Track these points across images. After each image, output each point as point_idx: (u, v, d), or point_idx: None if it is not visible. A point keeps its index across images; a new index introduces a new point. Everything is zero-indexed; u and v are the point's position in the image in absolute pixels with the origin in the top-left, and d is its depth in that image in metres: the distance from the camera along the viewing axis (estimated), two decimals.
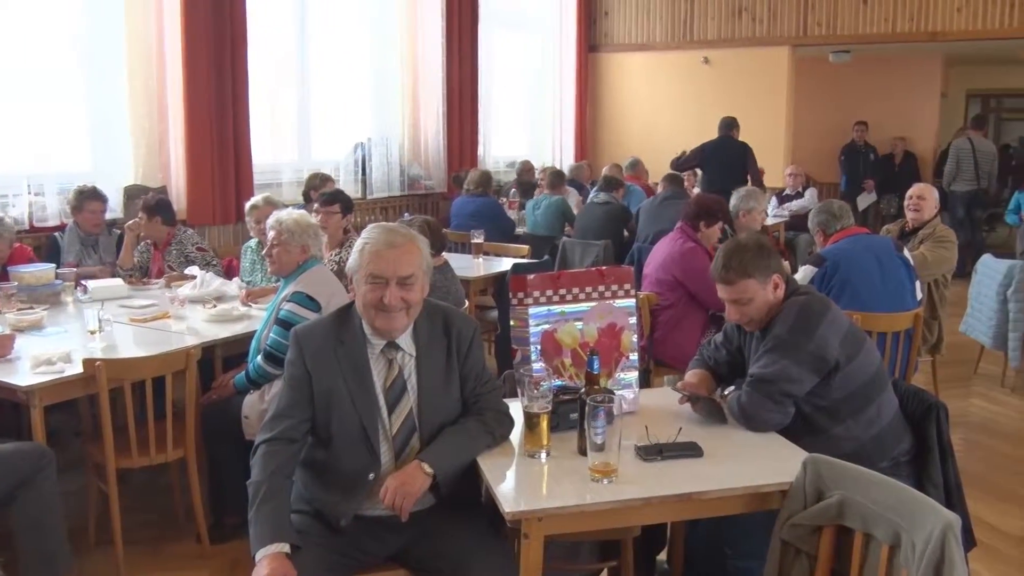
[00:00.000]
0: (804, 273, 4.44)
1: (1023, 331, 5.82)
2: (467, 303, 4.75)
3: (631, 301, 2.94)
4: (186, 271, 5.09)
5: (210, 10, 6.30)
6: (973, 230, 10.34)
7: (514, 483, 2.42)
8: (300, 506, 2.56)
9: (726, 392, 2.91)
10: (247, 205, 5.16)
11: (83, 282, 4.76)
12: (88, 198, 5.22)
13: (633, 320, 2.94)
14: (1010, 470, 4.72)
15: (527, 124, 11.06)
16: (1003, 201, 9.71)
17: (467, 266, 5.91)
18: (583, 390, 2.58)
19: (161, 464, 3.65)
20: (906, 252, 4.67)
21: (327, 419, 2.49)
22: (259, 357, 3.62)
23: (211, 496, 3.83)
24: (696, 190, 8.76)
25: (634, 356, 2.93)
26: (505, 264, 6.02)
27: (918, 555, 1.96)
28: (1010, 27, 9.14)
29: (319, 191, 5.75)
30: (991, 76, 14.54)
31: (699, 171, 9.19)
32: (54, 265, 4.82)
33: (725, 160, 8.75)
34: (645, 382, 4.46)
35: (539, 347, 2.81)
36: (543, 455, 2.50)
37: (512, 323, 2.87)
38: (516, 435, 2.64)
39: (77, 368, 3.38)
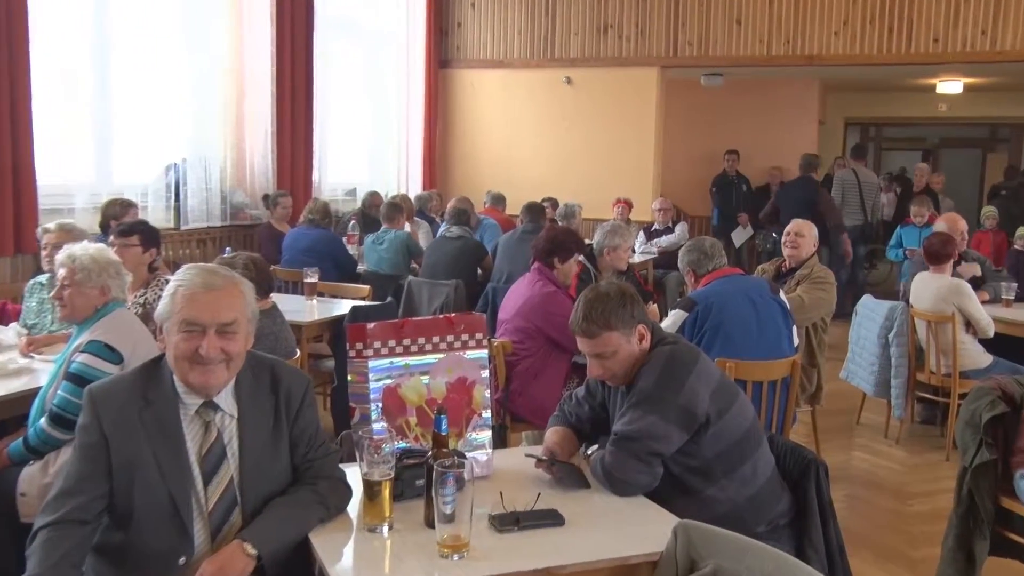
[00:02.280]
0: (674, 319, 4.56)
1: (905, 377, 6.11)
2: (299, 352, 4.69)
3: (483, 352, 2.98)
4: None
5: None
6: (855, 267, 10.89)
7: (352, 562, 2.40)
8: None
9: (589, 452, 2.97)
10: (39, 230, 4.92)
11: None
12: None
13: (485, 374, 2.98)
14: (894, 527, 4.97)
15: (369, 147, 11.05)
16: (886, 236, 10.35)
17: (299, 309, 5.83)
18: (430, 453, 2.59)
19: None
20: (782, 294, 4.87)
21: (128, 494, 2.40)
22: (43, 419, 3.45)
23: None
24: None
25: (487, 414, 2.97)
26: (343, 307, 5.97)
27: None
28: (888, 53, 9.75)
29: (119, 220, 5.57)
30: (871, 104, 15.43)
31: None
32: None
33: (800, 200, 9.24)
34: (500, 441, 4.51)
35: (380, 405, 2.81)
36: (385, 529, 2.49)
37: (350, 378, 2.87)
38: (354, 506, 2.62)
39: None
